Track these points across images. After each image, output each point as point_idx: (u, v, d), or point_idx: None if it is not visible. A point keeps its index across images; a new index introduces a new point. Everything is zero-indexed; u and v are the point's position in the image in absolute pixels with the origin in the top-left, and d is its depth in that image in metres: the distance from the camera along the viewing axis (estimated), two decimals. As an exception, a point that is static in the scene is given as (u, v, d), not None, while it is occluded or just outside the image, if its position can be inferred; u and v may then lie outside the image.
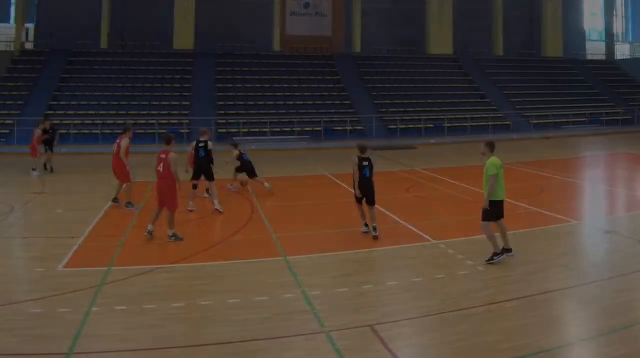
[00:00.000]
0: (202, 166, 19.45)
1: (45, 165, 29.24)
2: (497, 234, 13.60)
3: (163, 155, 15.90)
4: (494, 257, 13.38)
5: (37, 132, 28.36)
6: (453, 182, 25.29)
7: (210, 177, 19.55)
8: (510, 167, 29.67)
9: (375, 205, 16.15)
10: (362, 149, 16.17)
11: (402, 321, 10.39)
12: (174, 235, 15.92)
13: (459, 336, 9.62)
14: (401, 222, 17.86)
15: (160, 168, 15.86)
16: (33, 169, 27.80)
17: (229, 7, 54.95)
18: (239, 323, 10.24)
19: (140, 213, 19.29)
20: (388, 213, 18.69)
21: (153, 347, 9.40)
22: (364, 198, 16.03)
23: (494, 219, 13.47)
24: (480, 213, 13.53)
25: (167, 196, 15.88)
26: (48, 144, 29.50)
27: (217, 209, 19.34)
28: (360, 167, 15.83)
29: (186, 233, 16.25)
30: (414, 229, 16.94)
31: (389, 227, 16.89)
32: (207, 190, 20.95)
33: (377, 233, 15.75)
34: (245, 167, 22.80)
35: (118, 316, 10.64)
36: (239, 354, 9.16)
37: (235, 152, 22.81)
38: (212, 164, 19.57)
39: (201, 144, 19.53)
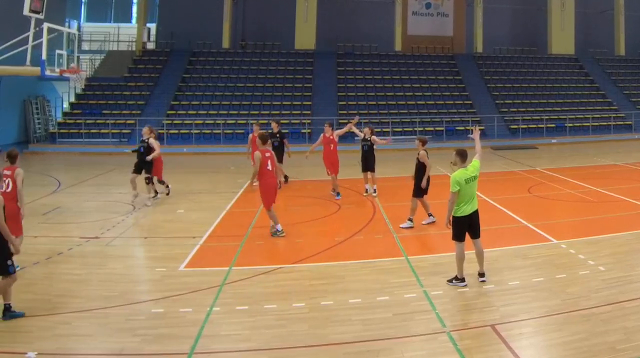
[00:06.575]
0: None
1: None
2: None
3: (267, 154, 16.37)
4: (453, 280, 12.31)
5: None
6: (575, 182, 24.81)
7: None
8: (631, 167, 29.14)
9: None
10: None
11: (524, 321, 10.41)
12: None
13: (579, 336, 9.59)
14: (523, 222, 17.76)
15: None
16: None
17: (350, 7, 54.94)
18: (361, 323, 10.36)
19: (261, 213, 19.02)
20: (510, 213, 18.66)
21: (274, 347, 9.54)
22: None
23: (456, 239, 12.25)
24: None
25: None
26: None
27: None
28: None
29: (308, 233, 16.48)
30: (535, 229, 16.82)
31: (511, 227, 16.87)
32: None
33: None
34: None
35: (239, 316, 10.84)
36: (361, 354, 9.25)
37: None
38: None
39: None
